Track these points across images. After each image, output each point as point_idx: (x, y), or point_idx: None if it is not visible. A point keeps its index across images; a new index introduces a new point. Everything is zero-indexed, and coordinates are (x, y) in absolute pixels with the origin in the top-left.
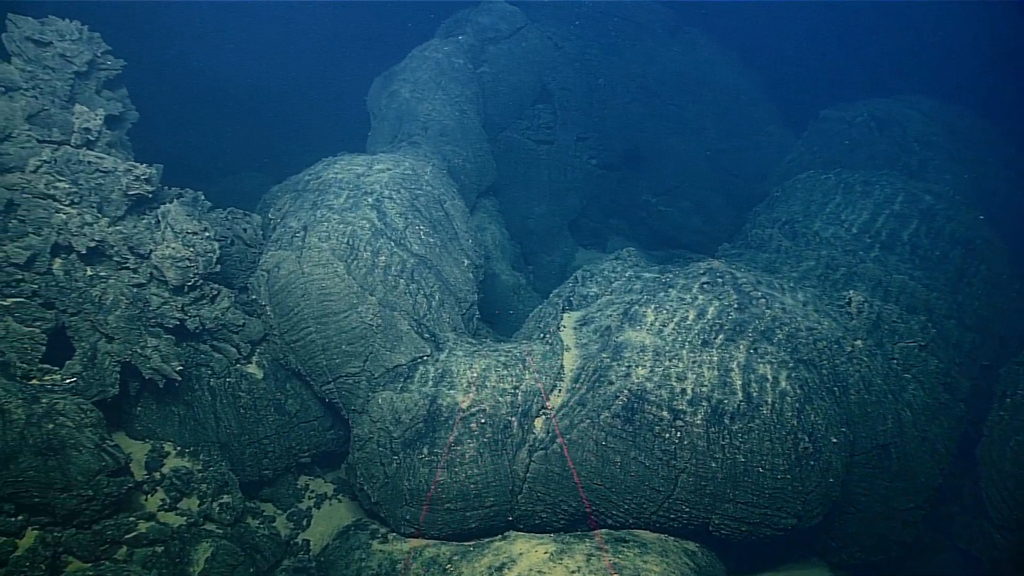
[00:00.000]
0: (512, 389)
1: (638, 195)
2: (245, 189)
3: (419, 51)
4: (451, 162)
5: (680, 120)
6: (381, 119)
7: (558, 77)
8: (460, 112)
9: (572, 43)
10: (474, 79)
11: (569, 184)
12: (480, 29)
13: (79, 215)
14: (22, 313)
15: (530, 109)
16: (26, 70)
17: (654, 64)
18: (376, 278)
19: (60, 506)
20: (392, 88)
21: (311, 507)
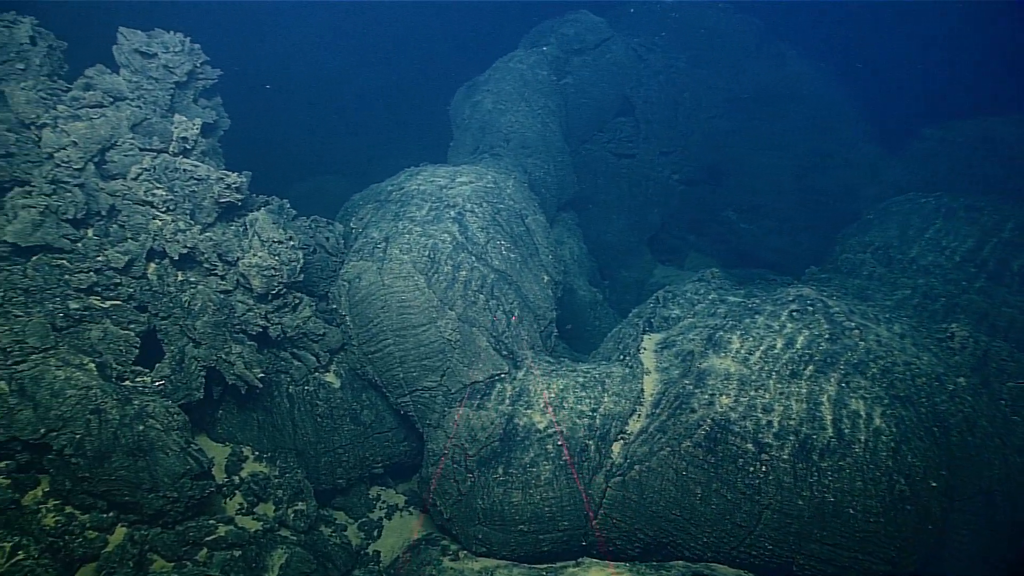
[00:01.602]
0: (590, 411)
1: (719, 211)
2: (325, 192)
3: (503, 62)
4: (532, 175)
5: (766, 135)
6: (463, 129)
7: (642, 89)
8: (542, 124)
9: (657, 55)
10: (557, 91)
11: (649, 199)
12: (565, 40)
13: (174, 221)
14: (119, 315)
15: (612, 122)
16: (132, 81)
17: (742, 77)
18: (456, 292)
19: (147, 506)
20: (475, 99)
21: (382, 518)
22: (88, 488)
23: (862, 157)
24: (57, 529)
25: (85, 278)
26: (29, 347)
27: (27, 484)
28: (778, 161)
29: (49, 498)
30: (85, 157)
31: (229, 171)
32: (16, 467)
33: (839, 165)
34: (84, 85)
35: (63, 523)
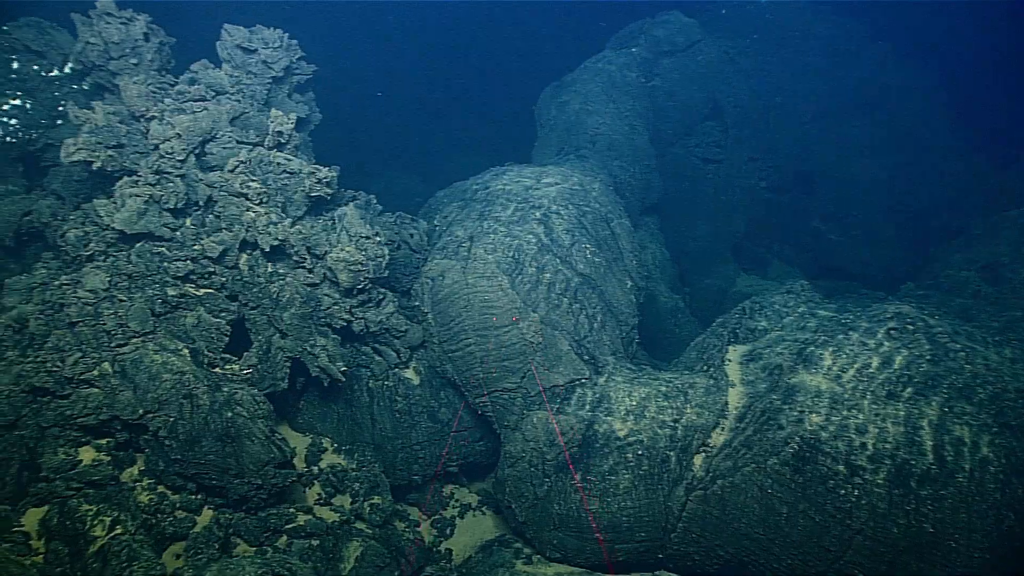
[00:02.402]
0: (672, 422)
1: (806, 221)
2: (402, 187)
3: (591, 62)
4: (617, 178)
5: (859, 143)
6: (549, 129)
7: (731, 93)
8: (629, 127)
9: (749, 58)
10: (645, 93)
11: (735, 205)
12: (654, 42)
13: (266, 214)
14: (212, 304)
15: (699, 126)
16: (233, 75)
17: (837, 82)
18: (539, 295)
19: (233, 491)
20: (562, 99)
21: (455, 516)
22: (179, 470)
23: (963, 168)
24: (150, 507)
25: (182, 266)
26: (131, 331)
27: (125, 462)
28: (870, 170)
29: (144, 477)
30: (187, 149)
31: (320, 165)
32: (115, 445)
33: (936, 176)
34: (189, 79)
35: (156, 502)
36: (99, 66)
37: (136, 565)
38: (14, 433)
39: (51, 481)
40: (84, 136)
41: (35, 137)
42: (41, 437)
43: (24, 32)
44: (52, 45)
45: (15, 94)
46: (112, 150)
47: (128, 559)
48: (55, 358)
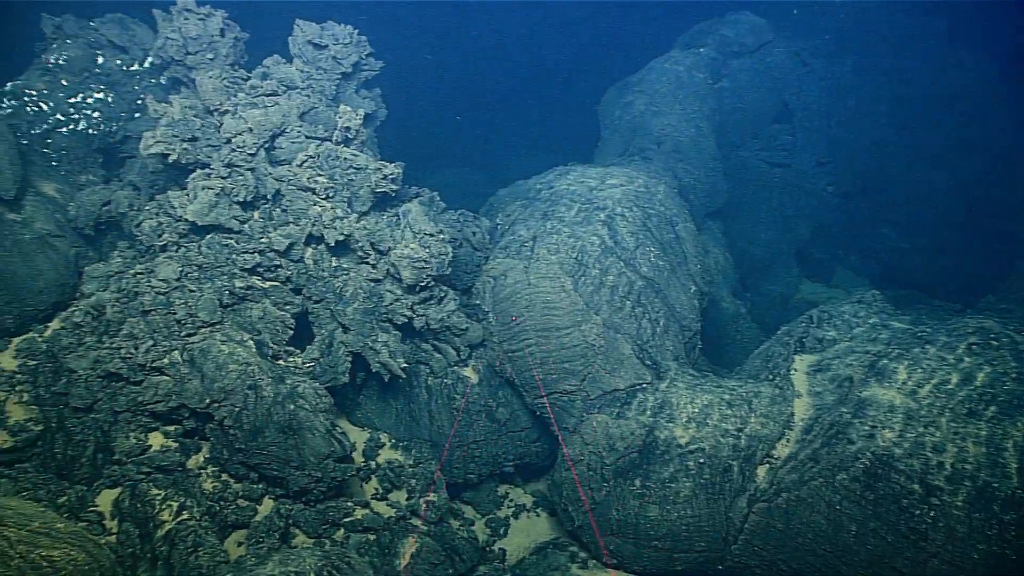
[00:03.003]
0: (735, 431)
1: (875, 228)
2: (461, 184)
3: (658, 62)
4: (682, 180)
5: (934, 148)
6: (613, 130)
7: (802, 96)
8: (696, 129)
9: (821, 59)
10: (712, 94)
11: (800, 210)
12: (723, 42)
13: (332, 209)
14: (277, 296)
15: (767, 128)
16: (303, 71)
17: (913, 85)
18: (602, 297)
19: (293, 482)
20: (627, 99)
21: (509, 516)
22: (242, 459)
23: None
24: (215, 494)
25: (250, 258)
26: (200, 321)
27: (191, 449)
28: (946, 177)
29: (208, 464)
30: (258, 143)
31: (386, 162)
32: (182, 432)
33: (1014, 184)
34: (261, 74)
35: (220, 489)
36: (177, 61)
37: (202, 551)
38: (90, 416)
39: (123, 464)
40: (161, 129)
41: (115, 129)
42: (114, 421)
43: (109, 28)
44: (134, 40)
45: (99, 87)
46: (187, 143)
47: (194, 545)
48: (129, 345)
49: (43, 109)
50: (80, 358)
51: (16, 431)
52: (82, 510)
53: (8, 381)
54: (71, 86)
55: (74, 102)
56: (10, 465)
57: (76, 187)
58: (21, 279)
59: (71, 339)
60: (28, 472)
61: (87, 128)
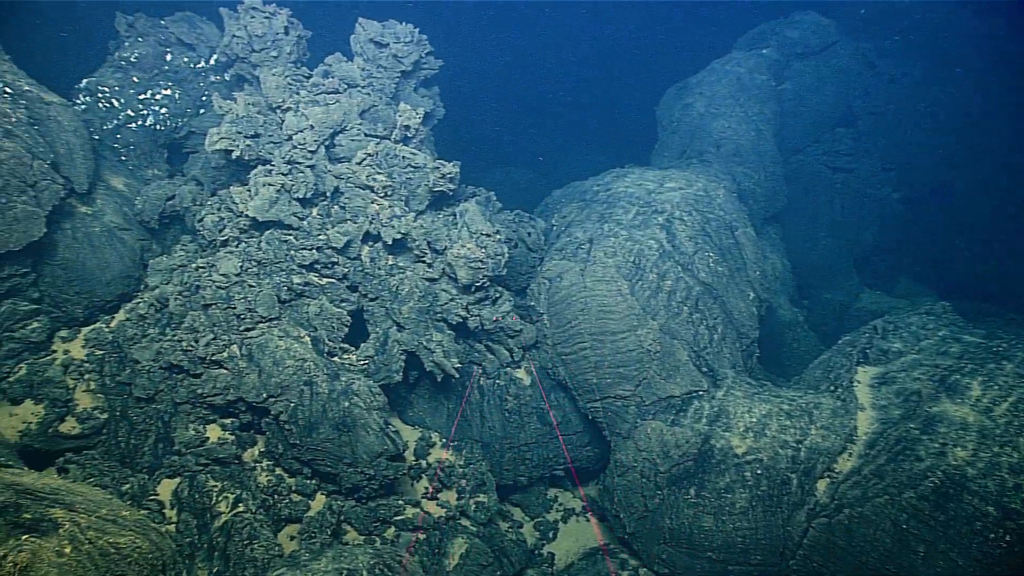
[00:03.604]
0: (794, 442)
1: (943, 237)
2: (513, 183)
3: (719, 64)
4: (741, 184)
5: (1008, 155)
6: (671, 132)
7: (867, 99)
8: (756, 132)
9: (889, 62)
10: (774, 97)
11: (862, 217)
12: (786, 43)
13: (390, 207)
14: (333, 293)
15: (830, 132)
16: (364, 69)
17: (987, 89)
18: (659, 302)
19: (346, 479)
20: (686, 100)
21: (558, 520)
22: (297, 455)
23: None
24: (269, 488)
25: (308, 255)
26: (258, 316)
27: (247, 442)
28: (1019, 185)
29: (263, 458)
30: (319, 140)
31: (444, 161)
32: (239, 426)
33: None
34: (323, 72)
35: (274, 483)
36: (242, 58)
37: (257, 544)
38: (152, 406)
39: (182, 455)
40: (226, 126)
41: (180, 125)
42: (175, 412)
43: (179, 26)
44: (201, 38)
45: (167, 84)
46: (249, 140)
47: (249, 537)
48: (190, 338)
49: (114, 105)
50: (143, 349)
51: (84, 418)
52: (144, 498)
53: (77, 369)
54: (141, 83)
55: (143, 98)
56: (78, 452)
57: (143, 181)
58: (90, 270)
59: (135, 330)
60: (95, 459)
61: (154, 124)
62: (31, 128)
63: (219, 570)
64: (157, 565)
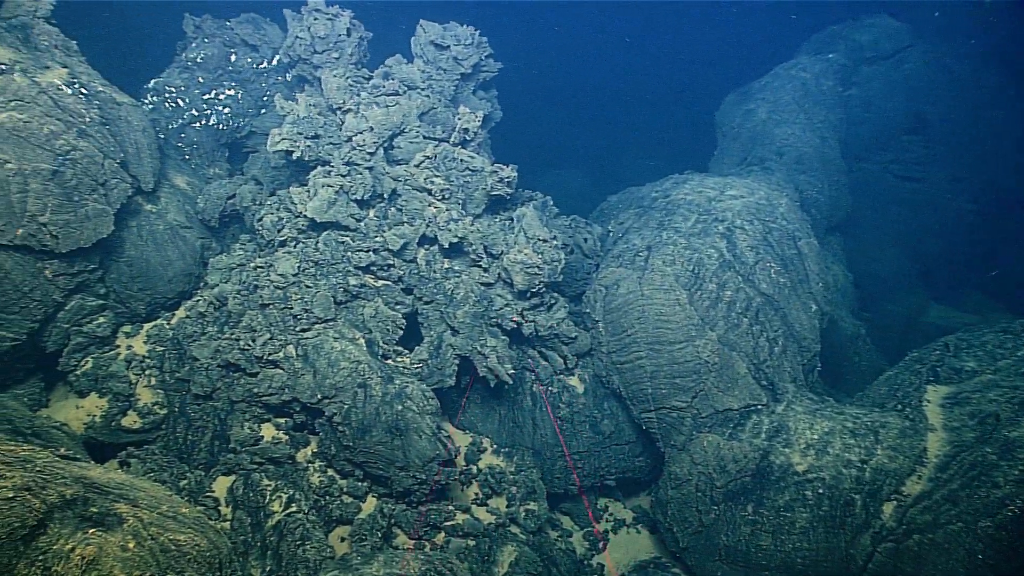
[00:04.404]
0: (859, 462)
1: (1017, 250)
2: (566, 186)
3: (784, 68)
4: (804, 193)
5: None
6: (731, 138)
7: (940, 105)
8: (820, 139)
9: (965, 66)
10: (841, 103)
11: (930, 228)
12: (855, 47)
13: (447, 210)
14: (389, 296)
15: (898, 140)
16: (424, 71)
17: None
18: (719, 313)
19: (397, 483)
20: (748, 106)
21: (608, 530)
22: (349, 456)
23: None
24: (321, 489)
25: (364, 257)
26: (314, 316)
27: (300, 443)
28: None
29: (316, 459)
30: (378, 142)
31: (502, 165)
32: (293, 425)
33: None
34: (384, 74)
35: (326, 484)
36: (304, 59)
37: (309, 544)
38: (209, 404)
39: (237, 453)
40: (287, 127)
41: (241, 125)
42: (231, 410)
43: (243, 27)
44: (265, 39)
45: (230, 85)
46: (310, 141)
47: (302, 538)
48: (247, 337)
49: (180, 105)
50: (202, 347)
51: (144, 413)
52: (200, 494)
53: (139, 365)
54: (206, 83)
55: (207, 98)
56: (139, 446)
57: (205, 180)
58: (153, 268)
59: (195, 328)
60: (155, 454)
61: (217, 123)
62: (103, 128)
63: (271, 569)
64: (214, 563)
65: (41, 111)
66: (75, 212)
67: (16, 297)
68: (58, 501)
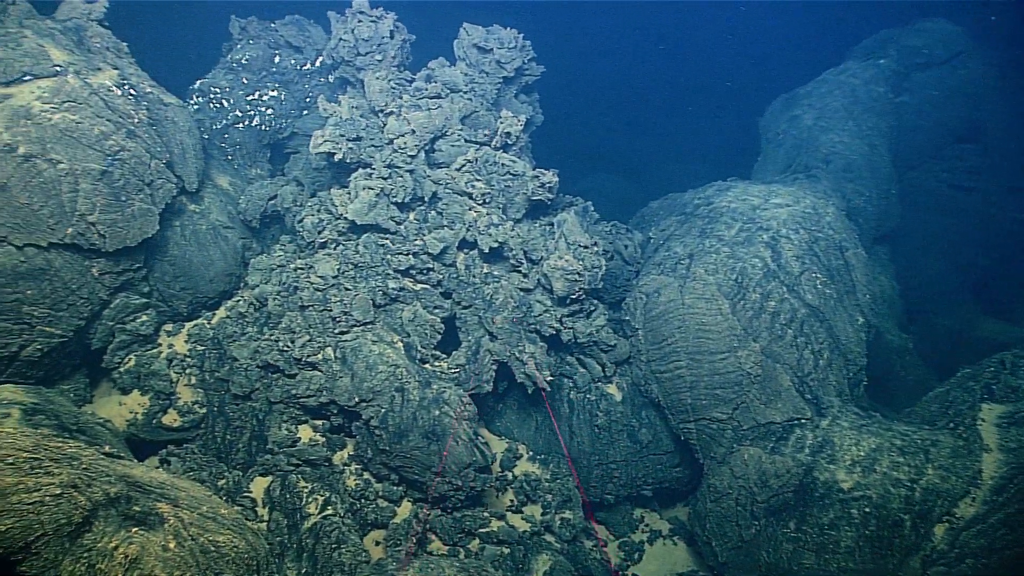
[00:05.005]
0: (908, 481)
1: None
2: (604, 190)
3: (832, 74)
4: (851, 202)
5: None
6: (776, 145)
7: (999, 113)
8: (869, 147)
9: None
10: (892, 110)
11: (983, 240)
12: (907, 52)
13: (488, 215)
14: (428, 300)
15: (952, 148)
16: (467, 74)
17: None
18: (762, 323)
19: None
20: (794, 112)
21: (644, 541)
22: (385, 460)
23: None
24: (356, 492)
25: (404, 260)
26: (353, 319)
27: (337, 445)
28: None
29: (352, 462)
30: (419, 145)
31: (543, 169)
32: (330, 428)
33: None
34: (426, 76)
35: (361, 488)
36: (347, 61)
37: (344, 548)
38: (248, 404)
39: (275, 454)
40: (330, 128)
41: (284, 126)
42: (269, 411)
43: (288, 29)
44: (309, 41)
45: (274, 86)
46: (352, 143)
47: (338, 541)
48: (287, 338)
49: (224, 106)
50: (242, 347)
51: (184, 412)
52: (238, 494)
53: (180, 363)
54: (250, 84)
55: (251, 99)
56: (179, 444)
57: (246, 181)
58: (196, 267)
59: (235, 328)
60: (194, 453)
61: (260, 124)
62: (150, 128)
63: (307, 572)
64: (252, 565)
65: (92, 112)
66: (122, 212)
67: (65, 295)
68: (103, 499)
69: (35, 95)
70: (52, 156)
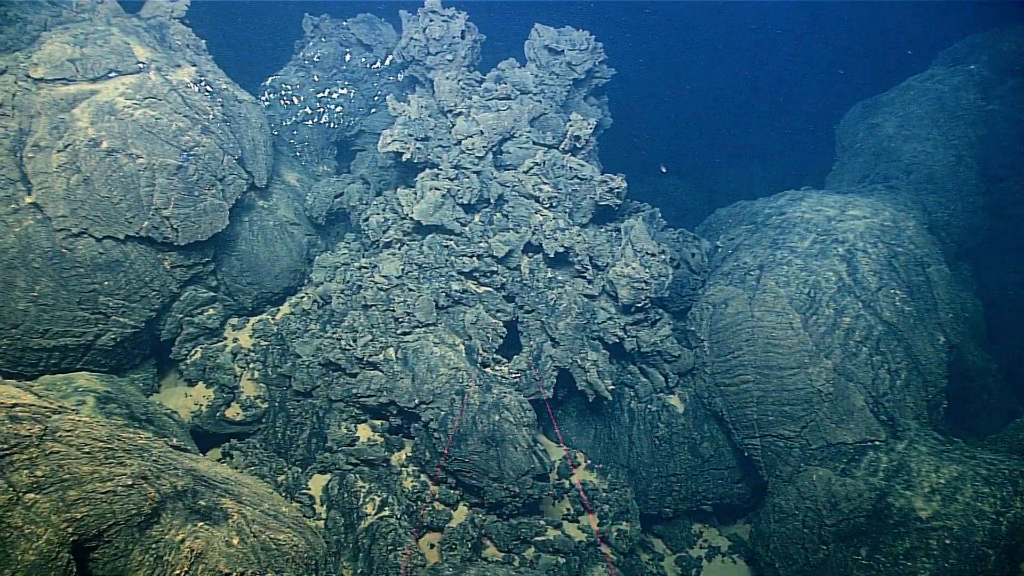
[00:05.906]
0: (994, 514)
1: None
2: (666, 194)
3: (916, 80)
4: (933, 215)
5: None
6: (853, 153)
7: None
8: (955, 157)
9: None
10: (981, 119)
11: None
12: (1000, 58)
13: (554, 219)
14: (490, 303)
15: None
16: (537, 75)
17: None
18: (835, 340)
19: (490, 494)
20: (873, 120)
21: (701, 557)
22: (443, 463)
23: None
24: (413, 494)
25: (468, 262)
26: (416, 320)
27: (395, 446)
28: None
29: (410, 463)
30: (487, 146)
31: (612, 174)
32: (389, 428)
33: None
34: (496, 77)
35: (418, 490)
36: (417, 60)
37: (400, 550)
38: (308, 401)
39: (334, 452)
40: (399, 128)
41: (352, 124)
42: (329, 409)
43: (359, 27)
44: (379, 40)
45: (343, 84)
46: (420, 142)
47: (394, 543)
48: (349, 337)
49: (295, 103)
50: (305, 344)
51: (247, 406)
52: (296, 491)
53: (244, 358)
54: (320, 81)
55: (321, 97)
56: (241, 438)
57: (313, 178)
58: (262, 263)
59: (298, 324)
60: (255, 448)
61: (329, 122)
62: (224, 125)
63: (363, 572)
64: (311, 564)
65: (171, 108)
66: (195, 206)
67: (138, 286)
68: (171, 492)
69: (119, 91)
70: (132, 151)
